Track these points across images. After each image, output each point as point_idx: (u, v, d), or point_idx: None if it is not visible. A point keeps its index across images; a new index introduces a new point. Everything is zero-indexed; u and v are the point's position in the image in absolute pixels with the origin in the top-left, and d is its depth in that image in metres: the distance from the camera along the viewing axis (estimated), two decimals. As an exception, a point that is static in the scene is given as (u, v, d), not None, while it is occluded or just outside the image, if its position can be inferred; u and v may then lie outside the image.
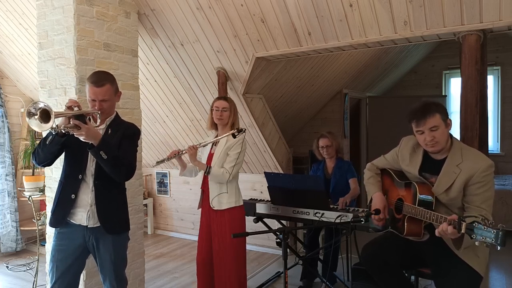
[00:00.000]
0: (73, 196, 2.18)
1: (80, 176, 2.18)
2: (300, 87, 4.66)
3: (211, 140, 2.88)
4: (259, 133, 4.14)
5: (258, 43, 3.33)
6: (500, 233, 1.60)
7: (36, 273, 3.54)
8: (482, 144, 2.73)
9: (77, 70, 2.77)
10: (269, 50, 3.35)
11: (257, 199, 3.72)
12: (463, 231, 1.73)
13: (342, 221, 2.90)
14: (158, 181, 5.57)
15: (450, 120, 2.10)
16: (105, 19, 2.95)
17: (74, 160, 2.22)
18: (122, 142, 2.23)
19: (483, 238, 1.65)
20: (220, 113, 2.83)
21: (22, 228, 4.77)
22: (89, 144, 2.04)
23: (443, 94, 6.74)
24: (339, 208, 3.21)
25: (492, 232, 1.62)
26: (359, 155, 6.34)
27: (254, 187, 4.68)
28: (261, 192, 4.56)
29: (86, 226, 2.19)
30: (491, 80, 6.39)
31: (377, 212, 2.26)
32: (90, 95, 2.18)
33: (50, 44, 2.90)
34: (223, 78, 3.74)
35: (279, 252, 4.42)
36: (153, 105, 4.57)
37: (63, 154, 2.24)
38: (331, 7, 2.85)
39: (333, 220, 3.01)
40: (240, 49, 3.45)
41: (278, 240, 4.21)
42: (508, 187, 5.08)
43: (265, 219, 3.50)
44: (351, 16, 2.85)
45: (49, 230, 2.88)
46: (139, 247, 3.27)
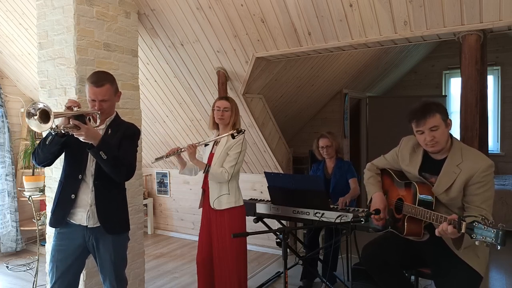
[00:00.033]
0: (73, 196, 2.18)
1: (80, 176, 2.18)
2: (300, 87, 4.66)
3: (210, 139, 2.90)
4: (259, 133, 4.14)
5: (258, 43, 3.33)
6: (500, 233, 1.60)
7: (36, 273, 3.54)
8: (482, 144, 2.73)
9: (77, 70, 2.77)
10: (269, 50, 3.35)
11: (257, 199, 3.72)
12: (463, 231, 1.73)
13: (342, 221, 2.91)
14: (158, 181, 5.57)
15: (450, 120, 2.10)
16: (105, 19, 2.95)
17: (74, 160, 2.22)
18: (122, 142, 2.23)
19: (483, 238, 1.65)
20: (222, 113, 2.83)
21: (22, 228, 4.77)
22: (89, 144, 2.04)
23: (443, 94, 6.74)
24: (339, 208, 3.21)
25: (492, 232, 1.62)
26: (359, 155, 6.34)
27: (254, 187, 4.67)
28: (261, 192, 4.56)
29: (86, 226, 2.19)
30: (491, 80, 6.38)
31: (377, 212, 2.26)
32: (90, 95, 2.18)
33: (50, 44, 2.90)
34: (223, 78, 3.74)
35: (279, 252, 4.42)
36: (153, 105, 4.57)
37: (63, 154, 2.24)
38: (331, 7, 2.85)
39: (333, 220, 3.01)
40: (240, 49, 3.45)
41: (278, 240, 4.21)
42: (508, 187, 5.07)
43: (265, 219, 3.50)
44: (351, 16, 2.85)
45: (49, 230, 2.88)
46: (139, 247, 3.27)
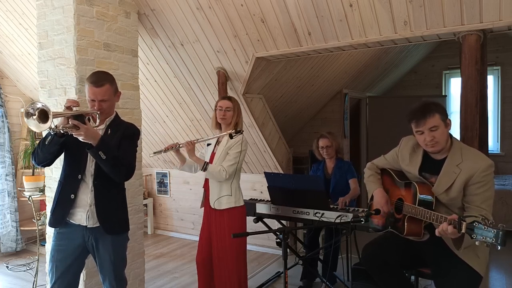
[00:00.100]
0: (73, 196, 2.18)
1: (80, 176, 2.18)
2: (300, 87, 4.66)
3: (208, 138, 2.91)
4: (259, 133, 4.14)
5: (258, 43, 3.33)
6: (501, 233, 1.60)
7: (36, 273, 3.54)
8: (482, 144, 2.73)
9: (77, 70, 2.77)
10: (269, 50, 3.35)
11: (257, 199, 3.72)
12: (464, 231, 1.73)
13: (342, 221, 2.91)
14: (158, 181, 5.57)
15: (450, 120, 2.10)
16: (105, 19, 2.95)
17: (74, 160, 2.22)
18: (122, 142, 2.23)
19: (484, 238, 1.64)
20: (224, 113, 2.83)
21: (22, 228, 4.77)
22: (88, 144, 2.04)
23: (443, 94, 6.74)
24: (339, 208, 3.21)
25: (493, 232, 1.62)
26: (359, 155, 6.34)
27: (254, 187, 4.67)
28: (261, 192, 4.56)
29: (86, 226, 2.19)
30: (491, 80, 6.38)
31: (377, 212, 2.26)
32: (90, 95, 2.18)
33: (50, 44, 2.90)
34: (223, 78, 3.74)
35: (279, 252, 4.42)
36: (153, 105, 4.57)
37: (63, 154, 2.24)
38: (331, 7, 2.85)
39: (333, 220, 3.01)
40: (240, 49, 3.45)
41: (278, 240, 4.21)
42: (508, 187, 5.07)
43: (265, 219, 3.50)
44: (351, 16, 2.85)
45: (49, 230, 2.88)
46: (139, 247, 3.27)
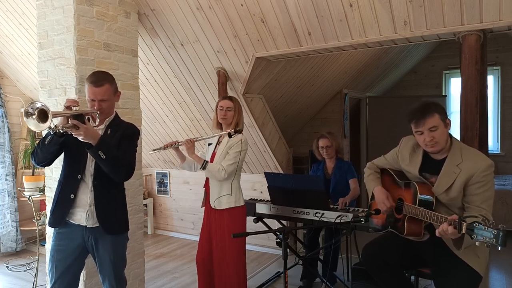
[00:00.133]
0: (72, 196, 2.18)
1: (79, 176, 2.18)
2: (300, 87, 4.66)
3: (208, 136, 2.91)
4: (259, 133, 4.14)
5: (258, 43, 3.33)
6: (501, 233, 1.60)
7: (36, 273, 3.54)
8: (482, 144, 2.73)
9: (77, 70, 2.77)
10: (269, 50, 3.35)
11: (257, 199, 3.72)
12: (464, 231, 1.73)
13: (342, 221, 2.90)
14: (158, 181, 5.56)
15: (449, 120, 2.10)
16: (105, 19, 2.95)
17: (73, 160, 2.22)
18: (122, 142, 2.23)
19: (484, 238, 1.64)
20: (224, 113, 2.84)
21: (22, 228, 4.77)
22: (88, 144, 2.04)
23: (443, 94, 6.73)
24: (339, 208, 3.21)
25: (493, 232, 1.62)
26: (359, 155, 6.34)
27: (254, 187, 4.67)
28: (261, 192, 4.56)
29: (85, 226, 2.19)
30: (491, 80, 6.38)
31: (377, 212, 2.26)
32: (89, 95, 2.18)
33: (50, 44, 2.90)
34: (223, 78, 3.74)
35: (279, 252, 4.42)
36: (153, 105, 4.57)
37: (63, 154, 2.24)
38: (331, 7, 2.85)
39: (333, 220, 3.01)
40: (240, 49, 3.44)
41: (278, 240, 4.21)
42: (508, 187, 5.07)
43: (265, 219, 3.50)
44: (351, 16, 2.85)
45: (49, 230, 2.88)
46: (139, 247, 3.27)
